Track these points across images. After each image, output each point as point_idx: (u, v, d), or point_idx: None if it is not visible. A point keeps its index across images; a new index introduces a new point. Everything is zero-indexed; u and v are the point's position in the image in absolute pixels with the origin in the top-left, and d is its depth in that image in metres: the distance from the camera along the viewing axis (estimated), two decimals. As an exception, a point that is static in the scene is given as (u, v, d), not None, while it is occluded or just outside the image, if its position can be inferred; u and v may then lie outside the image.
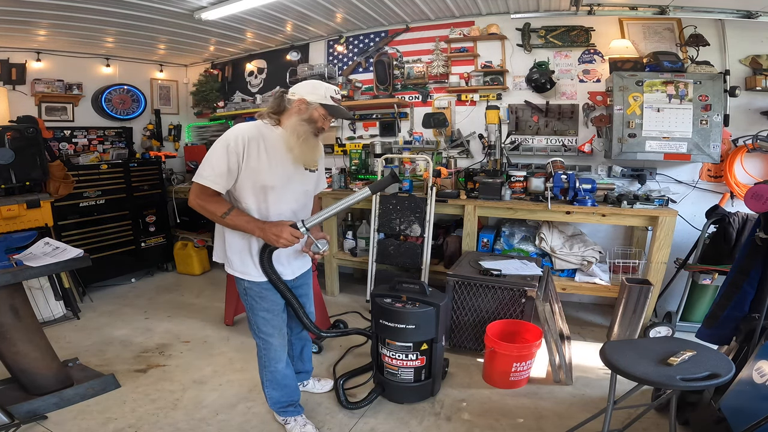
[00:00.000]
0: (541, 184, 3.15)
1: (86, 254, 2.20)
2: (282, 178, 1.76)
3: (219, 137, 1.72)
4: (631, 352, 1.61)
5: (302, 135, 1.73)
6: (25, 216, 3.08)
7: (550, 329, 2.39)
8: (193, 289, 4.07)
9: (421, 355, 2.20)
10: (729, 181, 3.04)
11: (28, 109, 4.07)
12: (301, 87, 1.79)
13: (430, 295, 2.21)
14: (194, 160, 4.78)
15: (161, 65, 5.11)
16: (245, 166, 1.68)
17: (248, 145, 1.67)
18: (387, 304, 2.17)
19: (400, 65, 4.01)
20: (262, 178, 1.72)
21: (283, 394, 2.00)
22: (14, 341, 2.13)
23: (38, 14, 3.18)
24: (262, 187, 1.73)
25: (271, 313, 1.87)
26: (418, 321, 2.12)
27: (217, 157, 1.66)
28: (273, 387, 1.99)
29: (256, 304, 1.85)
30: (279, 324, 1.91)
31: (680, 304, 2.86)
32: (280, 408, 2.04)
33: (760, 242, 1.79)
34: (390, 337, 2.19)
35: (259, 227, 1.69)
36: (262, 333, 1.89)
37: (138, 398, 2.31)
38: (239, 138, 1.67)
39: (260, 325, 1.88)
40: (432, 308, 2.14)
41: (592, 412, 1.92)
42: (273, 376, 1.96)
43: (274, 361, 1.92)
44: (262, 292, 1.84)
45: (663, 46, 3.23)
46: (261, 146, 1.71)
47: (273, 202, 1.77)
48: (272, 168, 1.73)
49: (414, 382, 2.24)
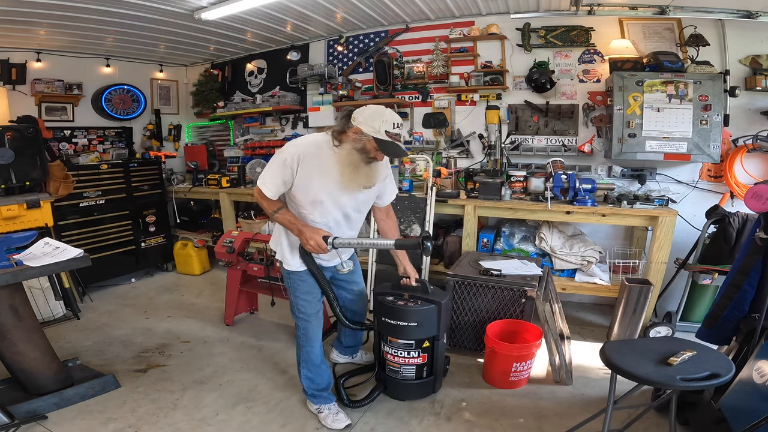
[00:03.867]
0: (541, 184, 3.15)
1: (86, 254, 2.20)
2: (331, 195, 1.89)
3: (283, 146, 1.90)
4: (631, 352, 1.61)
5: (353, 163, 1.80)
6: (25, 216, 3.08)
7: (550, 329, 2.39)
8: (193, 289, 4.06)
9: (423, 352, 2.20)
10: (729, 181, 3.04)
11: (28, 109, 4.07)
12: (360, 113, 1.81)
13: (432, 293, 2.21)
14: (194, 160, 4.78)
15: (161, 65, 5.12)
16: (297, 180, 1.84)
17: (302, 163, 1.81)
18: (389, 302, 2.17)
19: (400, 65, 4.02)
20: (313, 194, 1.87)
21: (316, 374, 2.11)
22: (14, 341, 2.13)
23: (38, 14, 3.18)
24: (312, 201, 1.90)
25: (311, 295, 2.06)
26: (420, 318, 2.13)
27: (275, 169, 1.84)
28: (308, 367, 2.11)
29: (298, 287, 2.05)
30: (318, 307, 2.09)
31: (680, 304, 2.86)
32: (314, 391, 2.12)
33: (760, 242, 1.79)
34: (392, 335, 2.20)
35: (298, 228, 1.89)
36: (302, 314, 2.07)
37: (138, 398, 2.31)
38: (296, 155, 1.81)
39: (301, 306, 2.06)
40: (434, 306, 2.14)
41: (592, 412, 1.92)
42: (308, 356, 2.09)
43: (311, 341, 2.08)
44: (302, 276, 2.03)
45: (663, 46, 3.23)
46: (315, 164, 1.83)
47: (319, 214, 1.93)
48: (323, 186, 1.86)
49: (416, 379, 2.25)
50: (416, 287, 2.24)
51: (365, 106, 1.83)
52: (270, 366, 2.65)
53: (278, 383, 2.46)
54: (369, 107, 1.83)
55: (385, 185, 2.11)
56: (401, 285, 2.27)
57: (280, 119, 4.72)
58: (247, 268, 3.06)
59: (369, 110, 1.80)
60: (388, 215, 2.27)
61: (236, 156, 4.93)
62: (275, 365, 2.66)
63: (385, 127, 1.74)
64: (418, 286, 2.24)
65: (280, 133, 4.75)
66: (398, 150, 1.81)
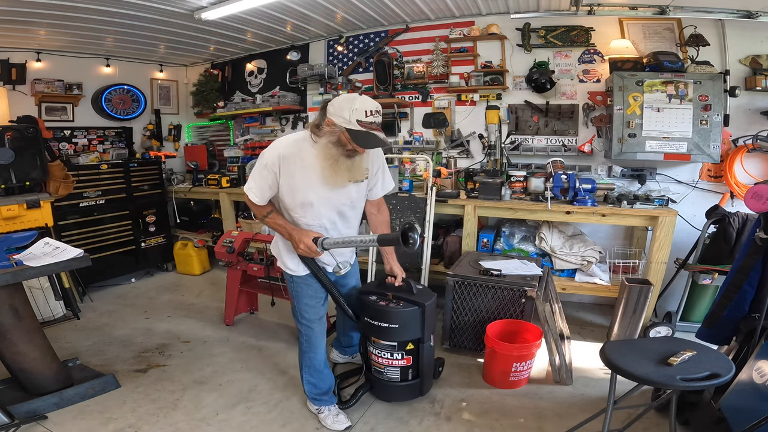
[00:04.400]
0: (541, 184, 3.15)
1: (86, 254, 2.20)
2: (318, 194, 1.81)
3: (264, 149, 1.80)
4: (631, 352, 1.61)
5: (331, 157, 1.70)
6: (25, 216, 3.08)
7: (550, 329, 2.39)
8: (193, 289, 4.06)
9: (407, 354, 2.13)
10: (729, 181, 3.04)
11: (28, 109, 4.07)
12: (332, 104, 1.69)
13: (417, 294, 2.11)
14: (194, 160, 4.78)
15: (161, 65, 5.12)
16: (282, 183, 1.78)
17: (283, 164, 1.74)
18: (371, 302, 2.08)
19: (400, 65, 4.02)
20: (300, 195, 1.80)
21: (319, 380, 2.08)
22: (14, 341, 2.13)
23: (38, 14, 3.18)
24: (301, 203, 1.82)
25: (315, 299, 2.01)
26: (401, 320, 2.04)
27: (258, 174, 1.79)
28: (311, 373, 2.08)
29: (301, 291, 2.00)
30: (321, 312, 2.05)
31: (680, 304, 2.86)
32: (316, 395, 2.10)
33: (760, 242, 1.79)
34: (375, 336, 2.12)
35: (288, 232, 1.84)
36: (305, 319, 2.02)
37: (138, 398, 2.31)
38: (275, 157, 1.74)
39: (303, 312, 2.02)
40: (417, 308, 2.05)
41: (592, 412, 1.92)
42: (311, 362, 2.06)
43: (314, 347, 2.04)
44: (306, 280, 1.98)
45: (663, 46, 3.23)
46: (297, 164, 1.75)
47: (312, 216, 1.86)
48: (308, 184, 1.78)
49: (401, 381, 2.18)
50: (401, 287, 2.13)
51: (337, 97, 1.70)
52: (270, 366, 2.65)
53: (278, 383, 2.46)
54: (340, 96, 1.71)
55: (376, 177, 2.00)
56: (386, 284, 2.17)
57: (280, 119, 4.72)
58: (247, 268, 3.06)
59: (339, 99, 1.68)
60: (379, 210, 2.14)
61: (236, 156, 4.92)
62: (275, 365, 2.66)
63: (356, 116, 1.62)
64: (402, 286, 2.13)
65: (280, 133, 4.75)
66: (373, 140, 1.67)
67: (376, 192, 2.06)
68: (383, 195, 2.11)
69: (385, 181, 2.06)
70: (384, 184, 2.07)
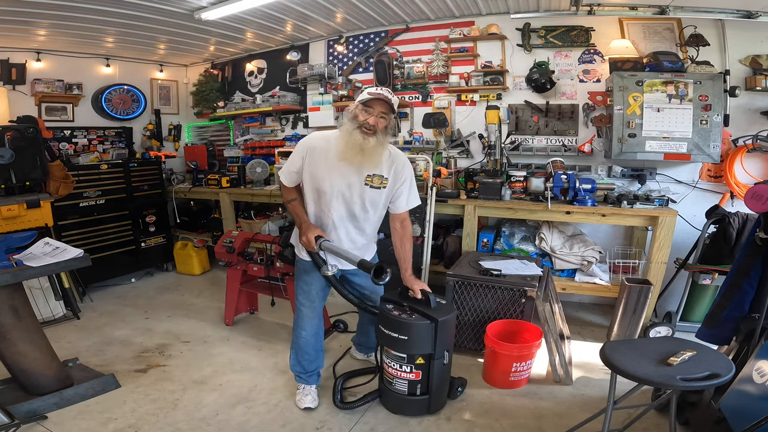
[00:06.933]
0: (541, 184, 3.15)
1: (86, 254, 2.20)
2: (332, 185, 2.00)
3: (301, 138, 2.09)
4: (631, 352, 1.61)
5: (346, 132, 1.94)
6: (25, 216, 3.08)
7: (550, 329, 2.39)
8: (193, 289, 4.06)
9: (417, 368, 2.07)
10: (729, 181, 3.04)
11: (28, 109, 4.06)
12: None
13: (435, 308, 2.05)
14: (194, 160, 4.78)
15: (161, 65, 5.11)
16: (305, 171, 2.04)
17: (310, 154, 2.02)
18: (386, 310, 2.08)
19: (400, 65, 4.01)
20: (317, 181, 2.02)
21: (300, 357, 2.24)
22: (14, 341, 2.13)
23: (38, 14, 3.18)
24: (317, 190, 2.04)
25: (308, 285, 2.19)
26: (411, 333, 1.99)
27: (290, 158, 2.08)
28: (294, 348, 2.27)
29: (299, 275, 2.22)
30: (312, 297, 2.20)
31: (680, 304, 2.85)
32: (298, 372, 2.28)
33: (760, 242, 1.79)
34: (387, 344, 2.11)
35: (300, 222, 2.07)
36: (297, 300, 2.23)
37: (138, 398, 2.31)
38: (306, 146, 2.04)
39: (297, 292, 2.23)
40: (429, 322, 1.99)
41: (592, 412, 1.92)
42: (296, 339, 2.24)
43: (299, 326, 2.22)
44: (304, 265, 2.17)
45: (663, 46, 3.23)
46: (322, 157, 2.00)
47: (323, 205, 2.05)
48: (328, 174, 1.99)
49: (408, 395, 2.12)
50: (421, 300, 2.10)
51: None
52: (270, 366, 2.65)
53: (278, 383, 2.46)
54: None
55: (400, 190, 2.10)
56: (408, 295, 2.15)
57: (280, 119, 4.72)
58: (247, 268, 3.06)
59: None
60: (402, 225, 2.18)
61: (236, 156, 4.93)
62: (275, 365, 2.66)
63: (368, 91, 1.97)
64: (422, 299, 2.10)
65: (280, 133, 4.75)
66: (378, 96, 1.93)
67: (399, 205, 2.15)
68: (407, 210, 2.19)
69: (410, 196, 2.16)
70: (409, 200, 2.16)
